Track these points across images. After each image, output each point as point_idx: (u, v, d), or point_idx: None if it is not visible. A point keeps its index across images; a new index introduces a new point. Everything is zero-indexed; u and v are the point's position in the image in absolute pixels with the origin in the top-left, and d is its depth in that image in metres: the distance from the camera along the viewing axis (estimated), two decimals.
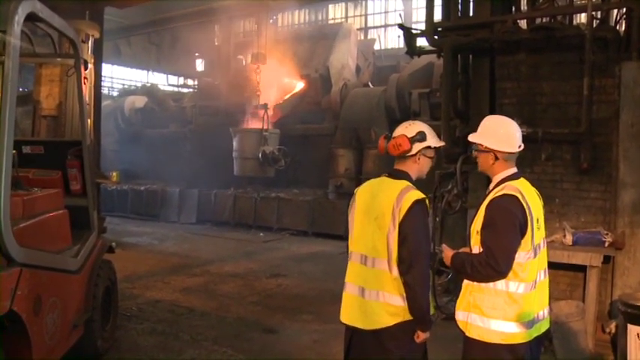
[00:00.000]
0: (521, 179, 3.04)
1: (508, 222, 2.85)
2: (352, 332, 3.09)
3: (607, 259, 5.57)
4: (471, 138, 3.12)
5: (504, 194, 2.90)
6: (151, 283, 8.33)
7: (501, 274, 2.85)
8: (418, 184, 3.11)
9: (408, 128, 3.09)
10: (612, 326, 5.31)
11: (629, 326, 4.66)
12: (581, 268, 5.63)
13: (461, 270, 3.03)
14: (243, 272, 9.25)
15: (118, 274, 5.99)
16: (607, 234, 5.61)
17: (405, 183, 3.04)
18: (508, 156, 3.01)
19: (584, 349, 5.28)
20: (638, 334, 4.60)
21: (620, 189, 5.64)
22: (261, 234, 13.55)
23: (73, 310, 4.59)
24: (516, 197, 2.88)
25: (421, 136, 3.05)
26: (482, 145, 3.05)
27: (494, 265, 2.82)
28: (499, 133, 3.02)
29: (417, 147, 3.06)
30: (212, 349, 5.64)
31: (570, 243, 5.69)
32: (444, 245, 3.19)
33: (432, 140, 3.11)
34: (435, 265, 6.20)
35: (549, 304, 3.11)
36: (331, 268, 9.28)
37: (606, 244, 5.58)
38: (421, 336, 3.00)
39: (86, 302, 4.89)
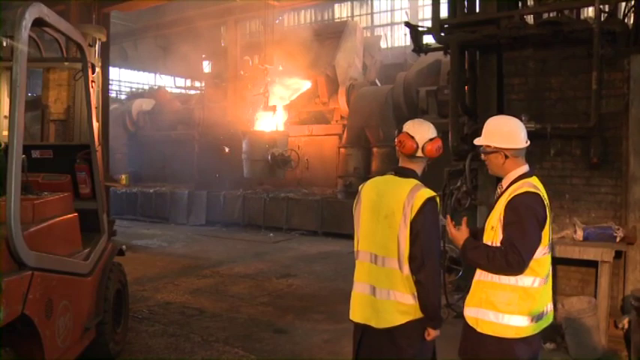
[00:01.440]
0: (534, 177, 3.02)
1: (533, 219, 2.85)
2: (362, 331, 3.09)
3: (618, 255, 5.53)
4: (477, 141, 3.12)
5: (527, 191, 2.88)
6: (161, 285, 8.36)
7: (521, 270, 2.85)
8: (426, 181, 3.10)
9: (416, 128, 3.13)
10: (625, 322, 5.26)
11: None
12: (593, 264, 5.59)
13: (473, 258, 2.95)
14: (254, 273, 9.27)
15: (129, 276, 6.01)
16: (618, 229, 5.57)
17: (414, 181, 3.04)
18: (517, 152, 2.99)
19: (597, 345, 5.24)
20: None
21: (630, 183, 5.60)
22: (271, 234, 13.59)
23: (84, 313, 4.61)
24: (538, 194, 2.89)
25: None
26: (489, 146, 3.03)
27: (519, 260, 2.80)
28: (504, 132, 3.01)
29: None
30: (223, 350, 5.65)
31: (581, 238, 5.65)
32: (450, 223, 3.08)
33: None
34: (445, 263, 6.18)
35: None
36: (341, 268, 9.30)
37: (617, 239, 5.54)
38: (432, 334, 3.00)
39: (97, 305, 4.91)
